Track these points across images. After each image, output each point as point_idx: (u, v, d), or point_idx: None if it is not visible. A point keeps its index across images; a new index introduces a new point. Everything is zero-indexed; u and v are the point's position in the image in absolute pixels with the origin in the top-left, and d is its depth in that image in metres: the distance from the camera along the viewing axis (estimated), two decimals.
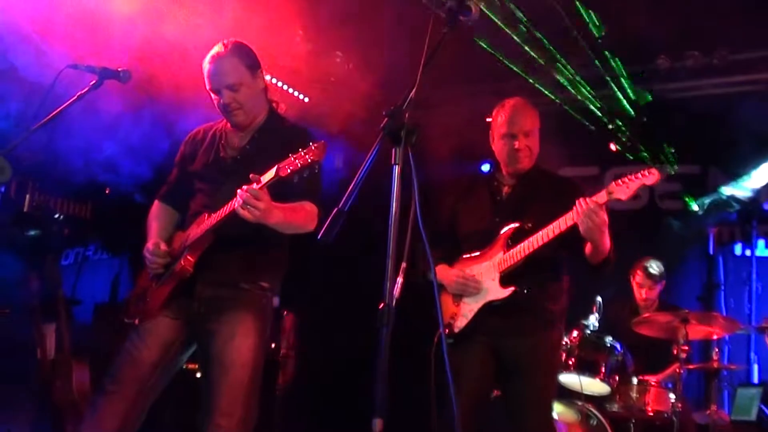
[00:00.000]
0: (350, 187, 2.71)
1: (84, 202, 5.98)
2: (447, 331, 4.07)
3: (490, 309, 4.04)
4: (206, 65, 3.74)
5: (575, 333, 5.43)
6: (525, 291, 4.00)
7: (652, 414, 5.62)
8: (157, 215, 4.01)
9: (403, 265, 3.08)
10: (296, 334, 6.17)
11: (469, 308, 4.09)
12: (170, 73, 4.79)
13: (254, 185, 3.38)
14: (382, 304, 2.56)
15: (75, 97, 3.62)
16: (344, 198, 2.70)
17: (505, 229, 4.09)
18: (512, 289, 3.98)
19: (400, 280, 2.77)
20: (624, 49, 6.50)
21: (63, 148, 4.56)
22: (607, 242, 3.86)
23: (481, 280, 4.08)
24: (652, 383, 5.70)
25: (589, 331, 5.44)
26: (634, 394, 5.69)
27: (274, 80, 5.99)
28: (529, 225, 4.01)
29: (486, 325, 4.05)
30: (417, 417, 3.91)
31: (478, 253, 4.17)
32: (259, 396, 3.66)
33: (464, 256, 4.23)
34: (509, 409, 4.07)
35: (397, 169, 2.67)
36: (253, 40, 3.87)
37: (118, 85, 3.75)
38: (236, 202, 3.41)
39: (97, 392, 3.66)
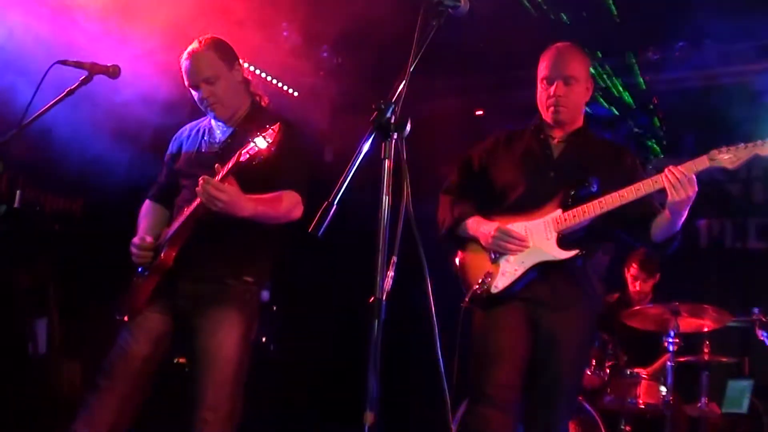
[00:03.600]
0: (339, 181, 2.70)
1: (75, 198, 5.97)
2: (480, 291, 3.72)
3: (540, 272, 3.69)
4: (183, 62, 3.76)
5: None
6: (586, 256, 3.68)
7: (643, 407, 5.63)
8: (147, 213, 4.01)
9: (394, 259, 3.10)
10: None
11: (512, 267, 3.71)
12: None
13: (218, 176, 3.43)
14: (372, 298, 2.55)
15: (65, 92, 3.61)
16: (334, 191, 2.69)
17: (565, 185, 3.71)
18: (575, 251, 3.64)
19: (391, 273, 2.77)
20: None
21: (54, 144, 4.54)
22: (685, 216, 3.57)
23: (529, 238, 3.70)
24: (644, 376, 5.71)
25: None
26: (625, 387, 5.70)
27: (263, 74, 5.97)
28: (593, 186, 3.68)
29: (529, 290, 3.70)
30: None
31: (523, 209, 3.78)
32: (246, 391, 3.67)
33: (503, 211, 3.85)
34: (536, 386, 3.72)
35: (387, 163, 2.66)
36: (240, 33, 3.88)
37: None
38: (199, 194, 3.43)
39: (90, 389, 3.67)
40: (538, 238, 3.69)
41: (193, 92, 3.80)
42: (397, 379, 3.71)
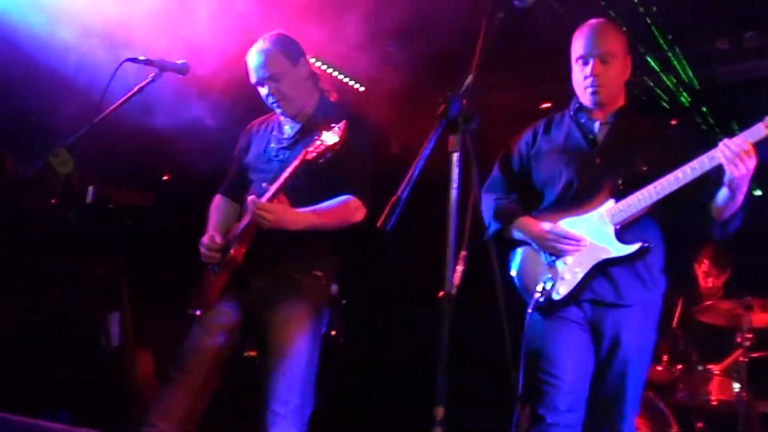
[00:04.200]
0: (408, 174, 2.69)
1: (145, 193, 6.04)
2: (542, 298, 3.47)
3: (600, 270, 3.43)
4: (248, 59, 3.79)
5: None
6: (650, 248, 3.38)
7: (715, 403, 5.53)
8: (217, 208, 4.05)
9: (463, 253, 3.08)
10: None
11: (572, 270, 3.45)
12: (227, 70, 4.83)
13: (266, 196, 3.52)
14: (441, 293, 2.54)
15: (135, 89, 3.66)
16: (402, 185, 2.69)
17: (613, 172, 3.44)
18: (639, 245, 3.36)
19: (460, 268, 2.76)
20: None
21: (124, 140, 4.62)
22: (745, 191, 3.30)
23: (585, 235, 3.44)
24: (716, 372, 5.60)
25: None
26: (697, 383, 5.60)
27: (328, 69, 5.99)
28: (644, 168, 3.40)
29: (591, 290, 3.45)
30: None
31: (572, 202, 3.52)
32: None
33: (550, 207, 3.61)
34: (601, 386, 3.50)
35: (455, 156, 2.64)
36: (305, 28, 3.89)
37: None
38: (249, 211, 3.52)
39: (164, 381, 3.75)
40: (595, 234, 3.43)
41: (259, 89, 3.82)
42: (463, 375, 3.66)
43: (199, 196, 4.27)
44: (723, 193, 3.30)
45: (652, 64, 6.34)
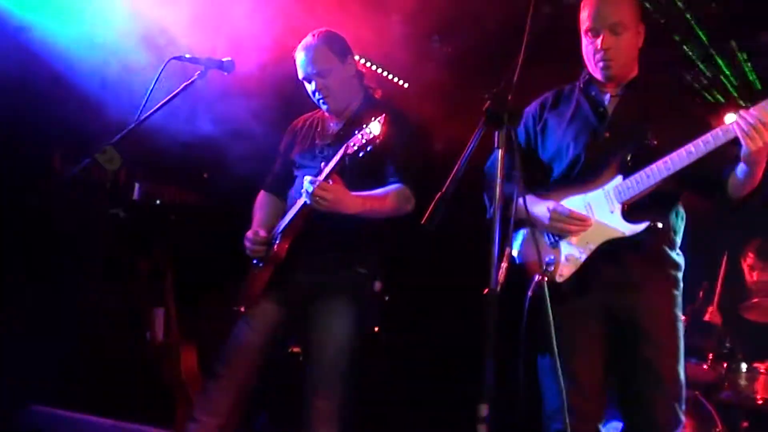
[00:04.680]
0: (452, 172, 2.69)
1: (190, 190, 6.11)
2: (546, 281, 3.09)
3: (607, 252, 3.23)
4: (297, 55, 3.82)
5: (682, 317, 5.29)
6: (659, 227, 3.18)
7: (761, 402, 5.45)
8: (261, 204, 4.08)
9: (508, 250, 3.06)
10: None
11: (576, 251, 3.27)
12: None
13: (321, 175, 3.47)
14: (486, 290, 2.54)
15: (181, 87, 3.69)
16: (447, 183, 2.69)
17: (622, 146, 3.25)
18: (646, 223, 3.15)
19: (504, 265, 2.75)
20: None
21: (171, 137, 4.66)
22: (764, 167, 3.06)
23: (590, 214, 3.26)
24: (762, 371, 5.52)
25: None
26: (742, 382, 5.52)
27: (373, 66, 6.00)
28: (655, 142, 3.20)
29: (599, 274, 3.25)
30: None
31: (579, 179, 3.34)
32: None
33: (556, 184, 3.42)
34: (631, 385, 3.28)
35: (500, 153, 2.64)
36: (351, 25, 3.90)
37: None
38: (305, 194, 3.49)
39: (208, 376, 3.79)
40: (601, 212, 3.24)
41: (306, 85, 3.85)
42: (508, 371, 3.62)
43: (243, 193, 4.29)
44: (740, 169, 3.07)
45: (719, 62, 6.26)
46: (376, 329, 5.86)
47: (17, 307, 5.27)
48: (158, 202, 5.83)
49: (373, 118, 3.37)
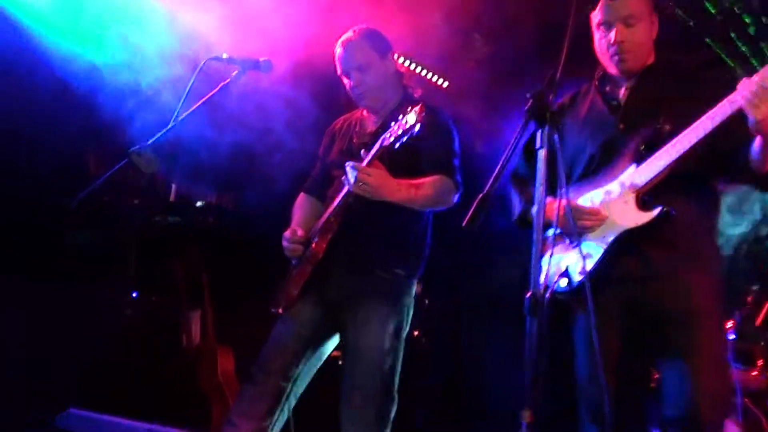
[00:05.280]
0: (495, 172, 2.67)
1: (228, 192, 6.14)
2: (566, 282, 3.21)
3: (623, 244, 3.13)
4: (337, 50, 3.83)
5: (729, 323, 5.22)
6: (673, 213, 3.05)
7: None
8: (300, 206, 4.07)
9: (550, 251, 3.04)
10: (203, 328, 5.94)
11: (593, 246, 3.18)
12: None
13: (364, 161, 3.47)
14: (528, 293, 2.51)
15: (217, 88, 3.70)
16: (489, 183, 2.67)
17: (635, 135, 3.18)
18: (658, 209, 3.05)
19: (547, 268, 2.71)
20: None
21: (208, 140, 4.70)
22: None
23: (604, 207, 3.19)
24: None
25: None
26: None
27: (412, 65, 5.99)
28: (667, 126, 3.10)
29: (617, 269, 3.15)
30: None
31: (596, 175, 3.27)
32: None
33: (576, 184, 3.33)
34: (670, 380, 3.12)
35: (542, 153, 2.60)
36: (389, 23, 3.90)
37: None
38: (347, 180, 3.48)
39: (247, 380, 3.77)
40: (615, 205, 3.16)
41: (345, 80, 3.85)
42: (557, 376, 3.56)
43: (281, 198, 4.30)
44: (756, 143, 2.95)
45: None
46: (416, 333, 5.87)
47: (56, 311, 5.32)
48: (198, 204, 5.87)
49: (409, 109, 3.35)
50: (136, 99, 4.82)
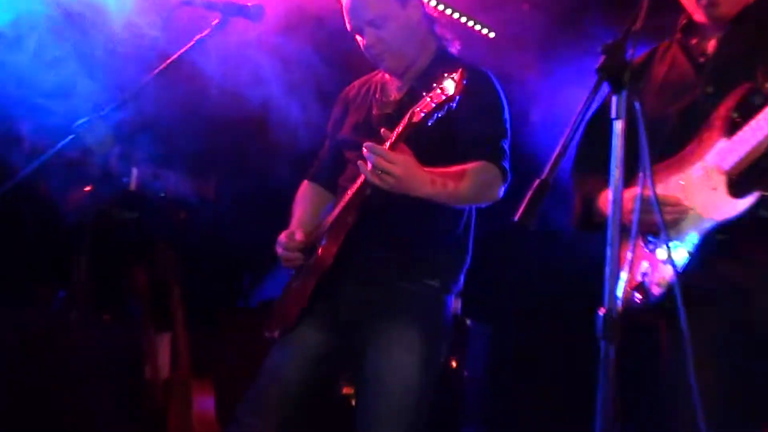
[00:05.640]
0: (556, 151, 2.69)
1: (206, 178, 6.12)
2: (640, 296, 3.19)
3: (714, 244, 3.10)
4: (344, 1, 3.82)
5: None
6: None
7: None
8: (303, 197, 4.13)
9: (628, 255, 3.04)
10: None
11: (673, 248, 3.16)
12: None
13: (387, 143, 3.42)
14: (602, 310, 2.54)
15: (192, 41, 3.71)
16: (548, 166, 2.68)
17: (726, 99, 3.13)
18: (756, 194, 3.01)
19: (625, 275, 2.72)
20: None
21: (179, 111, 4.73)
22: None
23: (687, 196, 3.17)
24: None
25: None
26: None
27: (448, 11, 6.01)
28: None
29: (712, 277, 3.12)
30: None
31: (676, 155, 3.26)
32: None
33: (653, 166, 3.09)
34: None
35: (619, 125, 2.62)
36: None
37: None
38: (363, 168, 3.44)
39: (230, 424, 3.80)
40: (700, 192, 3.14)
41: (358, 39, 3.85)
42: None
43: (277, 187, 4.32)
44: None
45: None
46: (454, 363, 5.82)
47: None
48: (163, 194, 5.87)
49: (446, 75, 3.33)
50: (83, 58, 4.85)
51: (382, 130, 3.48)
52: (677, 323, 2.79)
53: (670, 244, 3.14)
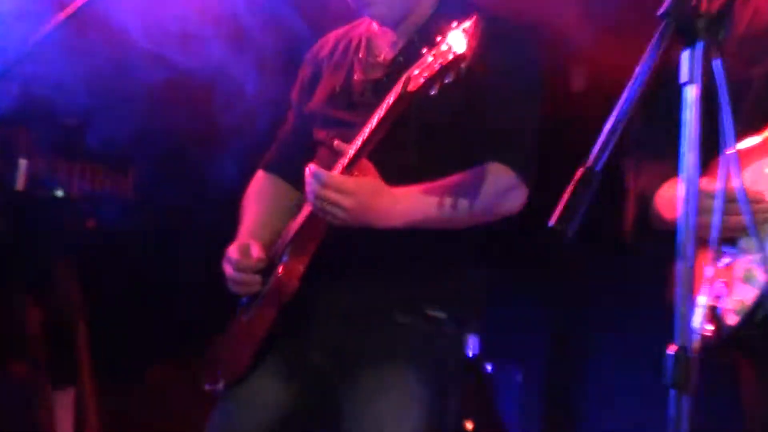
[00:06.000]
0: (605, 131, 2.66)
1: (122, 170, 6.13)
2: (712, 327, 3.11)
3: None
4: None
5: None
6: None
7: None
8: (258, 196, 4.13)
9: (707, 269, 3.01)
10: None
11: (755, 261, 3.17)
12: None
13: (338, 163, 3.46)
14: (672, 348, 2.51)
15: (64, 16, 3.70)
16: (594, 150, 2.66)
17: None
18: None
19: (705, 300, 2.69)
20: None
21: (84, 81, 4.74)
22: None
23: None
24: None
25: None
26: None
27: None
28: None
29: None
30: None
31: (751, 130, 3.26)
32: None
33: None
34: None
35: (693, 90, 2.60)
36: None
37: None
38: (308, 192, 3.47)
39: None
40: None
41: None
42: None
43: (221, 181, 4.32)
44: None
45: None
46: (470, 426, 5.81)
47: None
48: (61, 193, 5.87)
49: (455, 25, 3.24)
50: None
51: (336, 142, 3.50)
52: (761, 354, 3.08)
53: (755, 255, 3.13)
